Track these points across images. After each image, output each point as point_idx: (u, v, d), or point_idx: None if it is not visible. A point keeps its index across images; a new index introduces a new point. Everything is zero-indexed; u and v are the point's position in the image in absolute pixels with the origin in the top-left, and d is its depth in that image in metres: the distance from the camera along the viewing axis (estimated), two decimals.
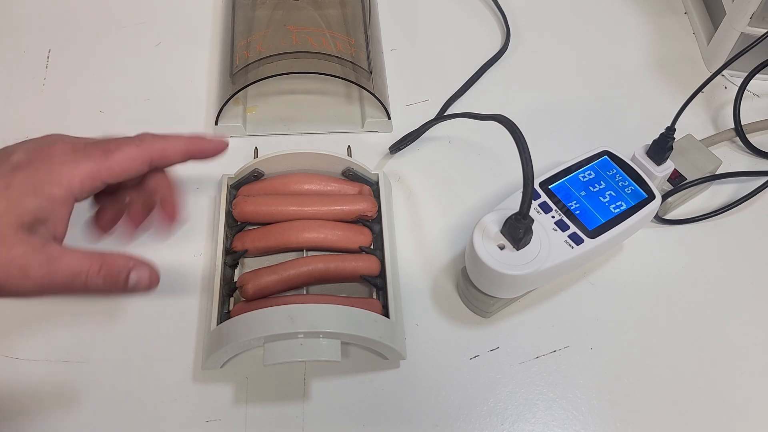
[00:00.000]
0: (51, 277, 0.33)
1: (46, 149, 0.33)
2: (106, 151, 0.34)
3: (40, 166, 0.33)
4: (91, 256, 0.34)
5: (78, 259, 0.34)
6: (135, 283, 0.36)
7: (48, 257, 0.32)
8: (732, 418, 0.47)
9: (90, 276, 0.34)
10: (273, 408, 0.46)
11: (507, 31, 0.67)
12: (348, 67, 0.56)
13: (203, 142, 0.39)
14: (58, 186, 0.33)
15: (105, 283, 0.35)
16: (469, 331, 0.49)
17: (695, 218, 0.55)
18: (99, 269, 0.34)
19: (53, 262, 0.33)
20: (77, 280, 0.34)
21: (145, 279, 0.36)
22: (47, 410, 0.45)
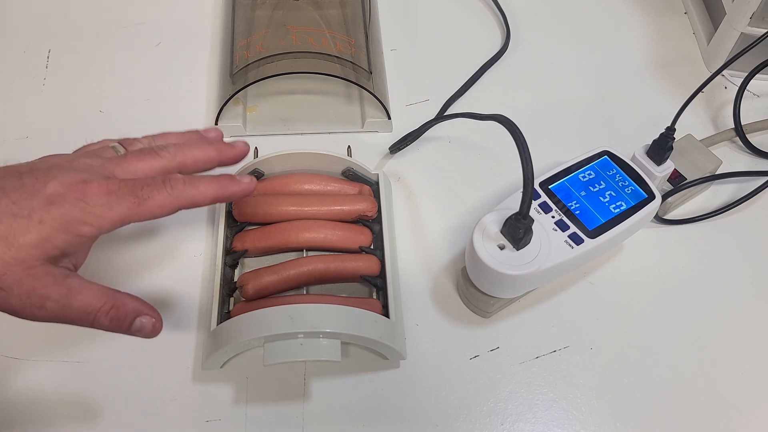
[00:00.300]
0: (64, 311, 0.35)
1: (82, 187, 0.34)
2: (139, 199, 0.36)
3: (75, 204, 0.34)
4: (105, 295, 0.36)
5: (92, 297, 0.36)
6: (138, 329, 0.38)
7: (66, 291, 0.34)
8: (732, 418, 0.47)
9: (99, 316, 0.36)
10: (273, 408, 0.46)
11: (507, 31, 0.67)
12: (348, 67, 0.56)
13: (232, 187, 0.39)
14: (89, 227, 0.35)
15: (110, 324, 0.37)
16: (469, 331, 0.49)
17: (695, 218, 0.55)
18: (108, 311, 0.36)
19: (70, 297, 0.35)
20: (87, 318, 0.36)
21: (148, 327, 0.38)
22: (47, 410, 0.45)
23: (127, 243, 0.52)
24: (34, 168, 0.36)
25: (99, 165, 0.37)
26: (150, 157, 0.38)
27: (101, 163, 0.37)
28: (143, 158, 0.38)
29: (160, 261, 0.51)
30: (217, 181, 0.39)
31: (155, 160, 0.38)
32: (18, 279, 0.33)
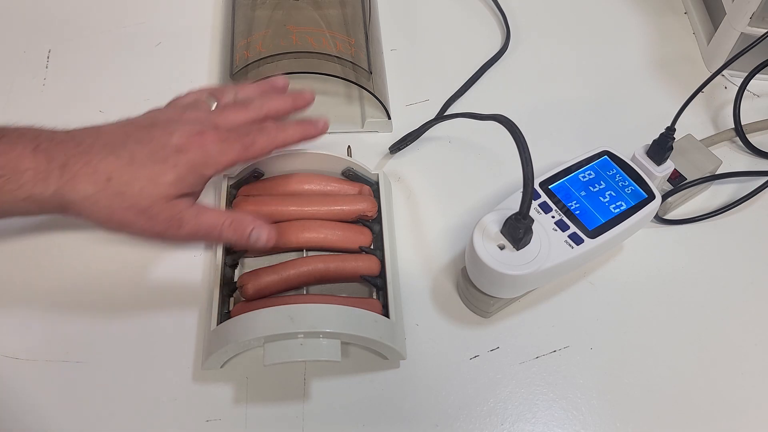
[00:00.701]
0: (197, 227, 0.43)
1: (200, 138, 0.43)
2: (245, 145, 0.44)
3: (198, 152, 0.43)
4: (225, 213, 0.45)
5: (216, 215, 0.44)
6: (255, 240, 0.45)
7: (196, 212, 0.43)
8: (732, 418, 0.47)
9: (223, 228, 0.44)
10: (273, 408, 0.46)
11: (507, 31, 0.67)
12: (348, 67, 0.56)
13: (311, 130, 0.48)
14: (210, 169, 0.43)
15: (233, 235, 0.44)
16: (469, 331, 0.49)
17: (695, 218, 0.55)
18: (230, 224, 0.44)
19: (200, 216, 0.43)
20: (214, 231, 0.44)
21: (263, 238, 0.45)
22: (47, 410, 0.45)
23: (127, 242, 0.52)
24: (154, 122, 0.44)
25: (205, 117, 0.45)
26: (243, 110, 0.46)
27: (206, 116, 0.45)
28: (237, 111, 0.46)
29: (160, 261, 0.51)
30: (301, 125, 0.47)
31: (247, 113, 0.46)
32: (162, 209, 0.42)
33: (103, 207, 0.41)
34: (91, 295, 0.50)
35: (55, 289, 0.50)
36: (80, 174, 0.41)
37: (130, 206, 0.41)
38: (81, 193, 0.41)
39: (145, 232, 0.43)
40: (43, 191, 0.40)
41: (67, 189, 0.41)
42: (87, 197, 0.41)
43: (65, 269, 0.51)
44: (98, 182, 0.41)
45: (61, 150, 0.41)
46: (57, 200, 0.41)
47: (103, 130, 0.44)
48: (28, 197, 0.41)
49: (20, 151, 0.41)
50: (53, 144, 0.42)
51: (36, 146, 0.41)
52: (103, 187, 0.41)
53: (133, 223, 0.42)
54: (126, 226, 0.42)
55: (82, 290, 0.50)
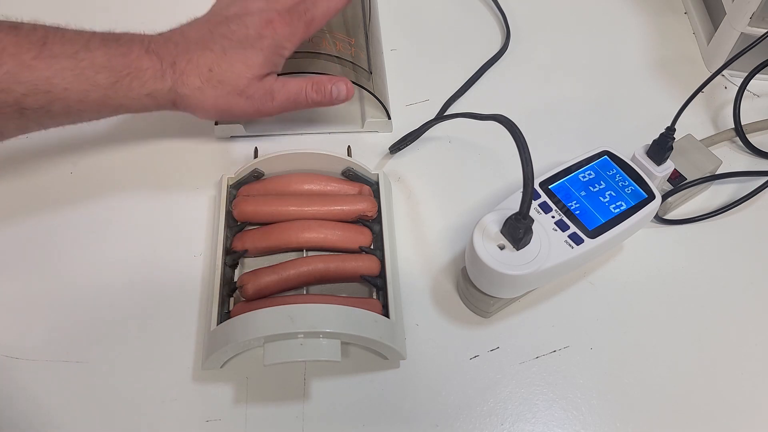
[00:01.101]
0: (286, 95, 0.50)
1: (271, 25, 0.49)
2: (306, 23, 0.50)
3: (273, 37, 0.49)
4: (305, 78, 0.51)
5: (298, 81, 0.51)
6: (337, 94, 0.51)
7: (282, 84, 0.50)
8: (732, 418, 0.47)
9: (308, 91, 0.51)
10: (273, 408, 0.46)
11: (507, 31, 0.67)
12: (348, 68, 0.56)
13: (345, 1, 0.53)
14: (286, 49, 0.50)
15: (317, 95, 0.51)
16: (469, 331, 0.49)
17: (695, 218, 0.55)
18: (312, 86, 0.51)
19: (286, 85, 0.50)
20: (301, 95, 0.50)
21: (344, 90, 0.51)
22: (47, 410, 0.45)
23: (127, 242, 0.52)
24: (227, 17, 0.50)
25: (265, 5, 0.50)
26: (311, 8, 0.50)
27: (265, 3, 0.50)
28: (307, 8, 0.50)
29: (160, 261, 0.51)
30: None
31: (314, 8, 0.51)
32: (256, 87, 0.49)
33: (210, 96, 0.48)
34: (91, 295, 0.50)
35: (55, 289, 0.50)
36: (187, 70, 0.47)
37: (231, 90, 0.48)
38: (190, 86, 0.47)
39: (246, 110, 0.49)
40: (162, 87, 0.47)
41: (179, 84, 0.47)
42: (195, 89, 0.47)
43: (65, 269, 0.51)
44: (202, 74, 0.47)
45: (166, 51, 0.47)
46: (171, 95, 0.47)
47: (186, 32, 0.49)
48: (150, 93, 0.46)
49: (138, 52, 0.46)
50: (159, 46, 0.47)
51: (147, 48, 0.47)
52: (207, 78, 0.47)
53: (235, 105, 0.49)
54: (228, 109, 0.49)
55: (82, 290, 0.50)
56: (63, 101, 0.44)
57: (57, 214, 0.53)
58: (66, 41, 0.45)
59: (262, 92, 0.49)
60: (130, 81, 0.46)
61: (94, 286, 0.50)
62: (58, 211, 0.54)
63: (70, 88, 0.44)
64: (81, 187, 0.55)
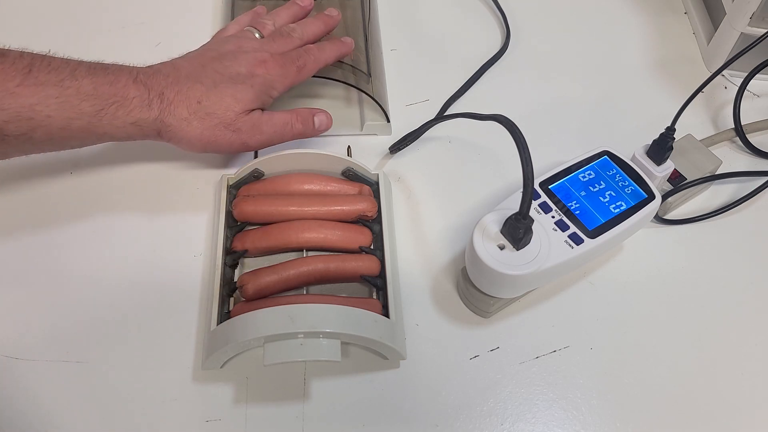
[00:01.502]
0: (272, 128, 0.51)
1: (263, 65, 0.50)
2: (299, 68, 0.52)
3: (265, 77, 0.50)
4: (290, 111, 0.53)
5: (284, 114, 0.52)
6: (318, 125, 0.54)
7: (268, 117, 0.51)
8: (732, 418, 0.47)
9: (294, 123, 0.52)
10: (273, 408, 0.46)
11: (507, 31, 0.67)
12: (347, 71, 0.56)
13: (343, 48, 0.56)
14: (275, 90, 0.51)
15: (302, 126, 0.53)
16: (469, 331, 0.49)
17: (695, 218, 0.55)
18: (297, 118, 0.53)
19: (272, 118, 0.51)
20: (287, 128, 0.52)
21: (324, 121, 0.54)
22: (47, 410, 0.45)
23: (127, 242, 0.52)
24: (221, 53, 0.51)
25: (259, 46, 0.52)
26: (289, 40, 0.54)
27: (260, 44, 0.52)
28: (285, 41, 0.53)
29: (160, 261, 0.51)
30: (335, 44, 0.55)
31: (292, 40, 0.54)
32: (244, 121, 0.50)
33: (196, 127, 0.48)
34: (91, 295, 0.50)
35: (55, 289, 0.50)
36: (175, 101, 0.48)
37: (219, 123, 0.49)
38: (177, 116, 0.48)
39: (232, 143, 0.50)
40: (148, 116, 0.47)
41: (166, 114, 0.47)
42: (182, 119, 0.48)
43: (65, 269, 0.51)
44: (191, 106, 0.48)
45: (155, 81, 0.48)
46: (157, 125, 0.48)
47: (179, 64, 0.50)
48: (135, 122, 0.47)
49: (125, 81, 0.47)
50: (147, 77, 0.48)
51: (135, 78, 0.47)
52: (195, 110, 0.48)
53: (221, 137, 0.49)
54: (215, 142, 0.50)
55: (82, 290, 0.50)
56: (45, 128, 0.44)
57: (57, 215, 0.53)
58: (52, 69, 0.45)
59: (250, 125, 0.50)
60: (116, 109, 0.46)
61: (94, 286, 0.50)
62: (59, 211, 0.54)
63: (53, 115, 0.44)
64: (81, 187, 0.55)
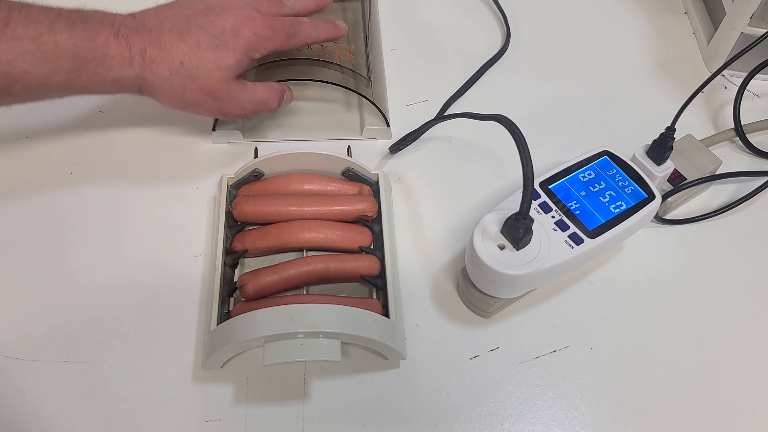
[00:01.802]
0: (252, 102, 0.51)
1: (252, 23, 0.48)
2: (289, 35, 0.50)
3: (251, 36, 0.48)
4: (268, 87, 0.52)
5: (264, 90, 0.52)
6: (287, 100, 0.54)
7: (251, 92, 0.51)
8: (732, 418, 0.47)
9: (271, 101, 0.52)
10: (273, 408, 0.46)
11: (507, 31, 0.67)
12: (347, 75, 0.56)
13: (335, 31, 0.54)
14: (258, 52, 0.49)
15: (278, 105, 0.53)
16: (469, 331, 0.49)
17: (695, 218, 0.55)
18: (275, 96, 0.52)
19: (255, 93, 0.51)
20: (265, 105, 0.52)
21: (290, 96, 0.55)
22: (47, 410, 0.45)
23: (127, 242, 0.52)
24: (209, 5, 0.49)
25: (251, 3, 0.49)
26: (279, 5, 0.51)
27: (251, 2, 0.50)
28: (275, 4, 0.51)
29: (160, 261, 0.51)
30: (328, 25, 0.54)
31: (282, 7, 0.51)
32: (226, 90, 0.48)
33: (177, 88, 0.47)
34: (91, 295, 0.50)
35: (55, 289, 0.50)
36: (157, 59, 0.46)
37: (199, 88, 0.47)
38: (159, 75, 0.46)
39: (210, 110, 0.50)
40: (129, 74, 0.46)
41: (147, 72, 0.46)
42: (164, 79, 0.46)
43: (66, 269, 0.51)
44: (173, 66, 0.46)
45: (137, 37, 0.46)
46: (138, 82, 0.47)
47: (164, 16, 0.48)
48: (115, 79, 0.46)
49: (105, 36, 0.45)
50: (130, 31, 0.46)
51: (116, 33, 0.45)
52: (177, 71, 0.46)
53: (201, 103, 0.48)
54: (194, 105, 0.49)
55: (82, 290, 0.50)
56: (23, 83, 0.43)
57: (57, 215, 0.53)
58: (30, 22, 0.43)
59: (230, 95, 0.49)
60: (95, 66, 0.45)
61: (94, 286, 0.50)
62: (58, 211, 0.54)
63: (31, 71, 0.43)
64: (81, 187, 0.55)
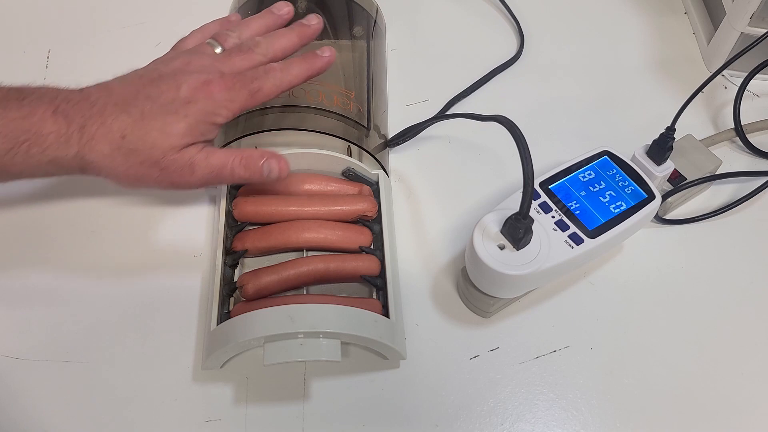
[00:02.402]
0: (208, 170, 0.44)
1: (207, 87, 0.43)
2: (252, 91, 0.44)
3: (206, 101, 0.43)
4: (235, 151, 0.45)
5: (225, 153, 0.45)
6: (268, 172, 0.45)
7: (206, 155, 0.44)
8: (732, 417, 0.47)
9: (234, 166, 0.45)
10: (273, 408, 0.46)
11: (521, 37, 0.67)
12: (348, 125, 0.53)
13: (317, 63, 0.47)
14: (220, 117, 0.44)
15: (245, 171, 0.45)
16: (469, 331, 0.49)
17: (695, 218, 0.55)
18: (240, 161, 0.45)
19: (210, 158, 0.44)
20: (225, 170, 0.44)
21: (275, 169, 0.45)
22: (47, 410, 0.45)
23: (128, 242, 0.52)
24: (161, 74, 0.45)
25: (210, 64, 0.45)
26: (249, 56, 0.46)
27: (211, 62, 0.45)
28: (243, 56, 0.46)
29: (160, 261, 0.51)
30: (305, 61, 0.47)
31: (253, 57, 0.46)
32: (174, 159, 0.43)
33: (120, 164, 0.43)
34: (91, 294, 0.50)
35: (55, 289, 0.50)
36: (97, 135, 0.42)
37: (144, 160, 0.43)
38: (99, 153, 0.42)
39: (160, 183, 0.44)
40: (66, 154, 0.42)
41: (86, 150, 0.42)
42: (104, 156, 0.42)
43: (66, 269, 0.51)
44: (113, 141, 0.42)
45: (77, 112, 0.42)
46: (77, 162, 0.43)
47: (113, 88, 0.44)
48: (51, 160, 0.42)
49: (41, 114, 0.42)
50: (70, 105, 0.43)
51: (55, 109, 0.42)
52: (118, 146, 0.42)
53: (147, 177, 0.43)
54: (141, 180, 0.44)
55: (82, 290, 0.50)
56: None
57: (57, 214, 0.53)
58: None
59: (180, 165, 0.43)
60: (29, 147, 0.41)
61: (94, 286, 0.50)
62: (59, 210, 0.54)
63: None
64: (81, 187, 0.55)
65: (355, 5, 0.62)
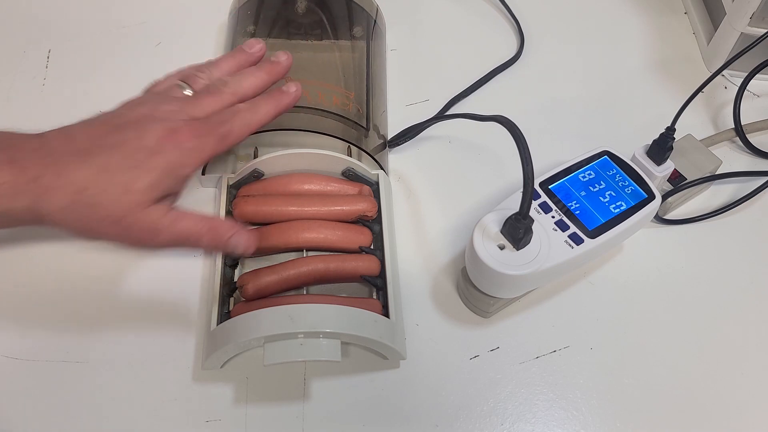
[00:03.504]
0: (173, 236, 0.41)
1: (174, 136, 0.41)
2: (220, 137, 0.42)
3: (173, 152, 0.40)
4: (202, 220, 0.42)
5: (193, 222, 0.42)
6: (234, 247, 0.43)
7: (172, 220, 0.41)
8: (732, 418, 0.47)
9: (200, 237, 0.42)
10: (273, 408, 0.46)
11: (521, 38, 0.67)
12: (347, 125, 0.53)
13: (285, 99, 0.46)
14: (188, 168, 0.41)
15: (211, 242, 0.43)
16: (469, 331, 0.49)
17: (695, 218, 0.55)
18: (207, 231, 0.42)
19: (176, 224, 0.41)
20: (191, 239, 0.42)
21: (242, 245, 0.44)
22: (47, 410, 0.45)
23: None
24: (127, 121, 0.42)
25: (178, 110, 0.43)
26: (218, 97, 0.44)
27: (179, 107, 0.43)
28: (212, 98, 0.44)
29: (160, 261, 0.51)
30: (272, 98, 0.46)
31: (222, 98, 0.44)
32: (136, 218, 0.40)
33: (78, 218, 0.39)
34: (91, 295, 0.50)
35: (55, 290, 0.50)
36: (53, 187, 0.39)
37: (103, 217, 0.39)
38: (55, 205, 0.39)
39: (122, 241, 0.41)
40: (17, 206, 0.39)
41: (41, 203, 0.39)
42: (62, 209, 0.39)
43: (66, 269, 0.51)
44: (70, 194, 0.39)
45: (33, 161, 0.39)
46: (32, 214, 0.39)
47: (74, 134, 0.42)
48: (4, 211, 0.39)
49: None
50: (27, 153, 0.40)
51: (11, 158, 0.39)
52: (76, 199, 0.39)
53: (107, 234, 0.40)
54: (101, 236, 0.41)
55: (82, 290, 0.50)
56: None
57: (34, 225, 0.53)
58: None
59: (143, 226, 0.40)
60: None
61: (94, 286, 0.50)
62: None
63: None
64: None
65: (355, 5, 0.62)
